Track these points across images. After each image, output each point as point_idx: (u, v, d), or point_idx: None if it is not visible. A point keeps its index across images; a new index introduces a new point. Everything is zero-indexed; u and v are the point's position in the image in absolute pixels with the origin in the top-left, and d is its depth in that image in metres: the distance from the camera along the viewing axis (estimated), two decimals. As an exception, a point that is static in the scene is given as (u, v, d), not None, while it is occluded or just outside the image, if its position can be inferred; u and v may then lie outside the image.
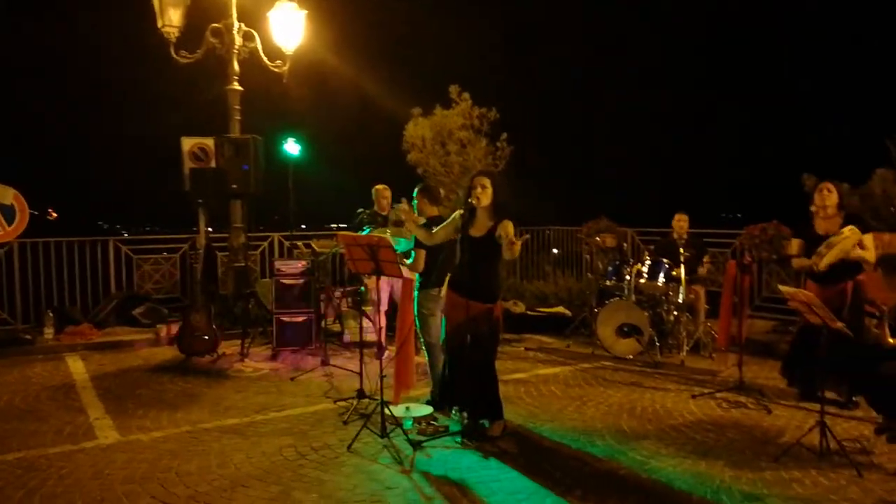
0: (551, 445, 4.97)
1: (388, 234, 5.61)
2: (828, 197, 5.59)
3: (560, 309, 9.00)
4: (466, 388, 4.91)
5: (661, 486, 4.26)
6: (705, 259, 8.23)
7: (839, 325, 4.34)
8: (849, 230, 5.26)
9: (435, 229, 5.12)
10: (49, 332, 8.21)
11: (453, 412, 5.34)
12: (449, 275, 5.16)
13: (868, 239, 5.40)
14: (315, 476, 4.41)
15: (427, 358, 5.72)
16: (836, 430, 4.82)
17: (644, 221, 11.02)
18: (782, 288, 4.84)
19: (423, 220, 5.11)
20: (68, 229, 9.87)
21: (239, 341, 7.92)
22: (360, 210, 7.37)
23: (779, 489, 4.16)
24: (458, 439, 4.99)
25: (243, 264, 8.98)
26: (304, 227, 10.01)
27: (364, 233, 6.97)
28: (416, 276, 5.46)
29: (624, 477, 4.41)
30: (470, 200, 4.87)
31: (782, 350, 7.58)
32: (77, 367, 7.36)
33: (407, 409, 5.25)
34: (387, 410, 5.06)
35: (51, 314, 8.31)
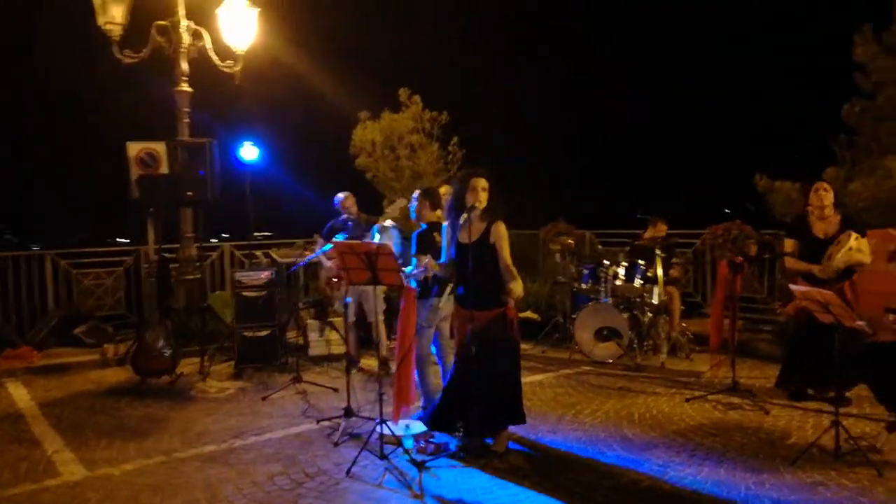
0: (561, 458, 4.75)
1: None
2: (825, 196, 5.56)
3: (529, 314, 8.81)
4: (476, 403, 4.61)
5: (689, 495, 4.10)
6: (674, 260, 8.20)
7: (860, 323, 4.28)
8: (855, 241, 5.22)
9: (445, 258, 4.86)
10: (-16, 356, 7.48)
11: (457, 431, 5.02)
12: (450, 285, 4.89)
13: (864, 243, 5.40)
14: (320, 506, 4.06)
15: (416, 371, 5.40)
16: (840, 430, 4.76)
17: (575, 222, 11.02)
18: (794, 287, 4.77)
19: (435, 266, 4.78)
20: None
21: (196, 359, 7.39)
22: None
23: (806, 494, 4.05)
24: (463, 456, 4.71)
25: (198, 276, 8.44)
26: (226, 235, 9.63)
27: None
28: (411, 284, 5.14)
29: (648, 488, 4.22)
30: (474, 204, 4.60)
31: (760, 349, 7.65)
32: (20, 394, 6.68)
33: (407, 427, 4.94)
34: (386, 429, 4.74)
35: (-16, 337, 7.59)
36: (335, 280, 7.23)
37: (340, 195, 7.41)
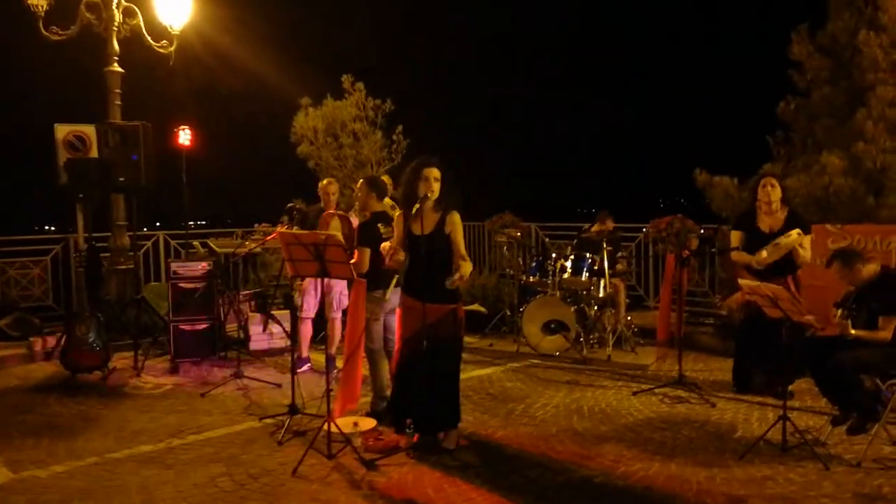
0: (513, 454, 4.68)
1: None
2: (772, 192, 5.62)
3: (476, 306, 8.74)
4: (425, 399, 4.49)
5: (642, 492, 4.07)
6: (620, 253, 8.25)
7: (809, 317, 4.32)
8: (796, 234, 5.28)
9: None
10: None
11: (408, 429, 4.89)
12: (396, 277, 4.74)
13: (807, 240, 5.49)
14: (265, 509, 3.87)
15: (368, 365, 5.25)
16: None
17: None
18: (742, 282, 4.79)
19: (402, 257, 4.60)
20: None
21: (129, 354, 7.06)
22: (290, 205, 6.75)
23: (756, 489, 4.08)
24: (412, 454, 4.59)
25: (131, 267, 8.06)
26: (158, 224, 9.27)
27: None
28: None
29: (601, 485, 4.18)
30: (427, 194, 4.47)
31: (702, 342, 7.77)
32: (-64, 392, 6.26)
33: (355, 424, 4.78)
34: (333, 427, 4.57)
35: None
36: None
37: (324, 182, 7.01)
